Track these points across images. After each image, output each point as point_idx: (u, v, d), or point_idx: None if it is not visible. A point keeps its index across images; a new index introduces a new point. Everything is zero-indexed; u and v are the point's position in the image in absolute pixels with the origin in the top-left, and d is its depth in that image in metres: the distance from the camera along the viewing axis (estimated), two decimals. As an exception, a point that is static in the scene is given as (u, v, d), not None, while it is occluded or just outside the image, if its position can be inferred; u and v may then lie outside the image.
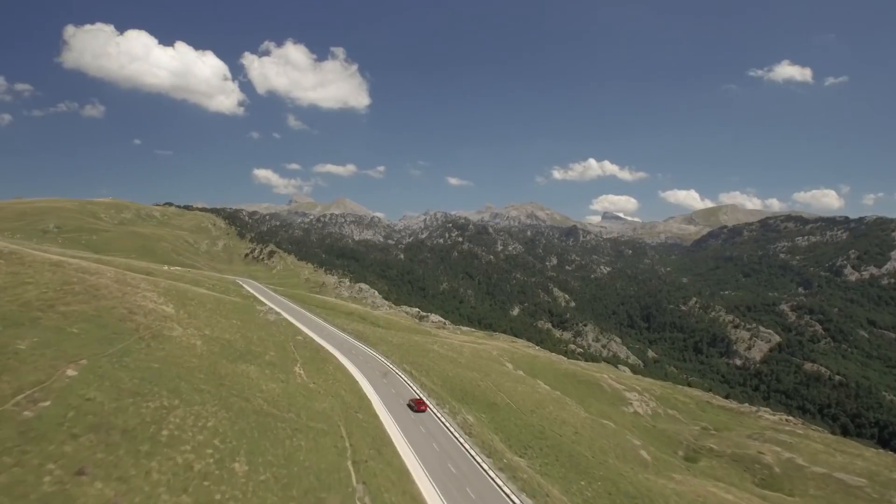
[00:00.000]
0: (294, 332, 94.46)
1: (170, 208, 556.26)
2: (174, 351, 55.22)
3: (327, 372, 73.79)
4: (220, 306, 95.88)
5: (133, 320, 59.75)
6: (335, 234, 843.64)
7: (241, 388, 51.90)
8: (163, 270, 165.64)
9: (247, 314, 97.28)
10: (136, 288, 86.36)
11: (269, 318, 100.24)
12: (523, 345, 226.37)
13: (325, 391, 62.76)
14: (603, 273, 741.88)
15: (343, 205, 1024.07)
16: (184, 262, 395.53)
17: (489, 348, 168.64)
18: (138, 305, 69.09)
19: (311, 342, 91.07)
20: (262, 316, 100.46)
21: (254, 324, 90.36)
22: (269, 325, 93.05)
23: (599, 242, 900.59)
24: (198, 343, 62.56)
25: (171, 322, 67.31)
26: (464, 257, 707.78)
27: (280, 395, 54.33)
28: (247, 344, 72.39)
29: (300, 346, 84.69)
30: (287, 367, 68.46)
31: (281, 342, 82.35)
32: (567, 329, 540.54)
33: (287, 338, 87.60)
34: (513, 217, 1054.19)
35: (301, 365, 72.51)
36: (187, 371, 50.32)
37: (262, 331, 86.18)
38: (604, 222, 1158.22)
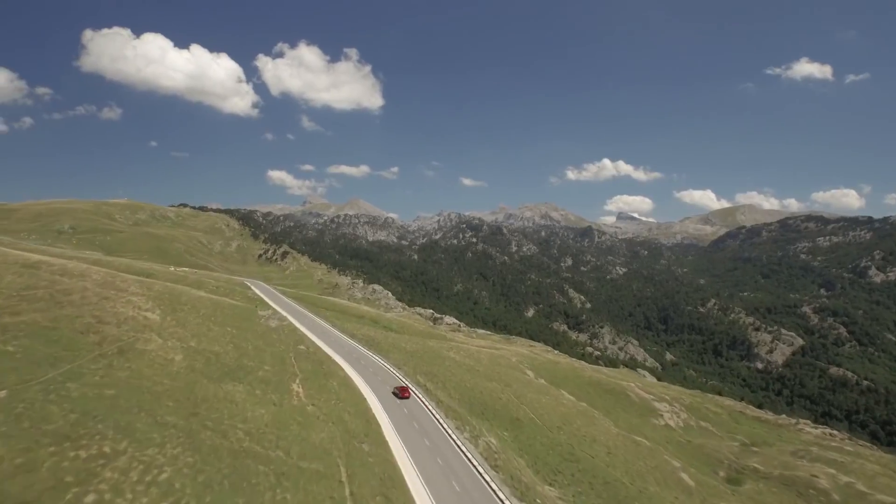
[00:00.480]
0: (297, 341, 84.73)
1: (184, 209, 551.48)
2: (143, 370, 45.66)
3: (330, 389, 63.84)
4: (216, 311, 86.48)
5: (99, 332, 50.38)
6: (349, 234, 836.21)
7: (220, 417, 42.11)
8: (167, 272, 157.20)
9: (246, 320, 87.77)
10: (122, 292, 77.22)
11: (271, 325, 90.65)
12: (542, 349, 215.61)
13: (325, 415, 52.84)
14: (619, 274, 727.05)
15: (357, 206, 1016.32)
16: (196, 262, 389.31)
17: (508, 354, 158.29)
18: (114, 313, 59.84)
19: (315, 352, 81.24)
20: (263, 322, 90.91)
21: (252, 331, 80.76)
22: (269, 333, 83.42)
23: (615, 243, 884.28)
24: (177, 358, 52.98)
25: (149, 332, 57.86)
26: (478, 258, 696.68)
27: (269, 424, 44.47)
28: (239, 357, 62.71)
29: (302, 357, 74.86)
30: (283, 385, 58.63)
31: (280, 353, 72.60)
32: (583, 331, 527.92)
33: (288, 347, 77.85)
34: (527, 218, 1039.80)
35: (300, 381, 62.66)
36: (153, 397, 40.68)
37: (259, 340, 76.53)
38: (619, 223, 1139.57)
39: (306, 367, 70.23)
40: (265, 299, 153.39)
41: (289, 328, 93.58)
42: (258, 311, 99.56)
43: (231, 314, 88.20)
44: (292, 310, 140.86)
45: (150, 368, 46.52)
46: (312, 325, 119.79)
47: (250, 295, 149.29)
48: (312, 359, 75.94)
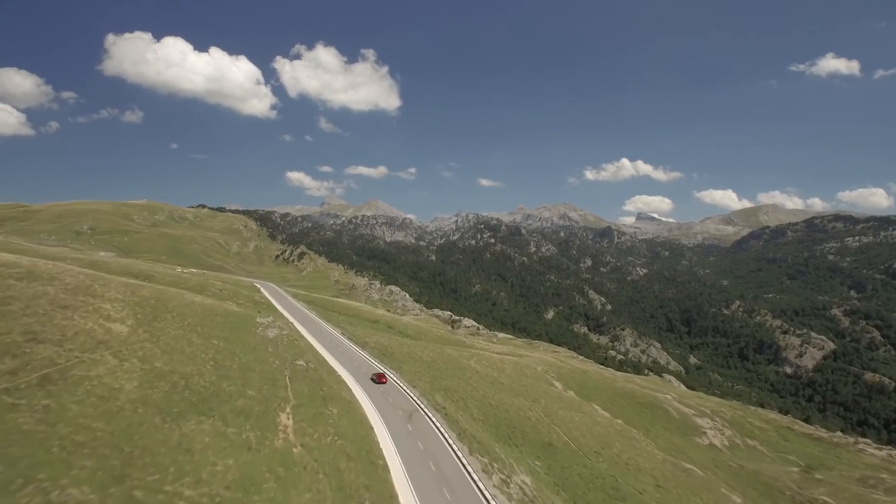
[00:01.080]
0: (296, 354, 72.62)
1: (202, 210, 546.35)
2: (67, 408, 33.70)
3: (328, 418, 51.51)
4: (205, 320, 74.79)
5: (23, 353, 38.61)
6: (366, 235, 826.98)
7: (163, 478, 29.94)
8: (170, 273, 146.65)
9: (239, 329, 75.93)
10: (95, 299, 65.81)
11: (269, 335, 78.69)
12: (567, 355, 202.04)
13: (315, 460, 40.51)
14: (639, 275, 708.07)
15: (375, 206, 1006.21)
16: (213, 263, 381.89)
17: (532, 362, 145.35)
18: (63, 326, 48.23)
19: (316, 368, 68.97)
20: (259, 332, 79.01)
21: (243, 344, 68.84)
22: (263, 346, 71.42)
23: (634, 243, 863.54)
24: (128, 386, 40.98)
25: (102, 351, 46.01)
26: (496, 259, 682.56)
27: (233, 485, 32.20)
28: (217, 379, 50.66)
29: (299, 375, 62.66)
30: (267, 417, 46.38)
31: (272, 372, 60.49)
32: (604, 333, 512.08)
33: (284, 363, 65.77)
34: (545, 218, 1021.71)
35: (292, 409, 50.40)
36: (65, 454, 28.64)
37: (250, 354, 64.52)
38: (638, 223, 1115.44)
39: (302, 389, 57.97)
40: (273, 303, 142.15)
41: (289, 338, 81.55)
42: (257, 317, 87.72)
43: (223, 323, 76.43)
44: (300, 315, 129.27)
45: (79, 405, 34.55)
46: (319, 333, 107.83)
47: (257, 298, 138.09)
48: (312, 377, 63.66)
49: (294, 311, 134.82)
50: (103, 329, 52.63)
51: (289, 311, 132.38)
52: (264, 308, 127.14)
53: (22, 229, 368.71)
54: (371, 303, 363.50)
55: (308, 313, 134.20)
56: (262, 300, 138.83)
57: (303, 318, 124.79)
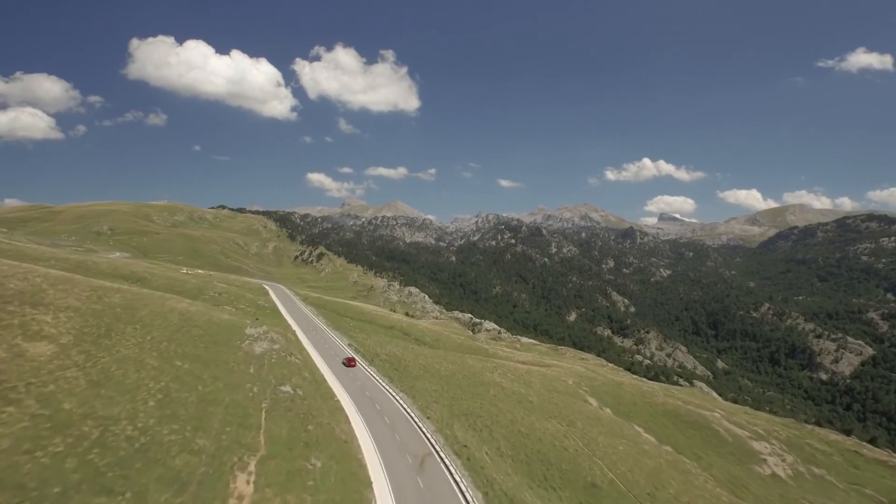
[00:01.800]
0: (284, 376, 58.46)
1: (223, 211, 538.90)
2: None
3: (308, 478, 37.06)
4: (179, 333, 61.11)
5: None
6: (386, 236, 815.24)
7: None
8: (167, 275, 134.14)
9: (218, 345, 62.08)
10: (35, 307, 52.48)
11: (255, 350, 64.72)
12: (596, 363, 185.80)
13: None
14: (663, 276, 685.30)
15: (395, 207, 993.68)
16: (231, 264, 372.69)
17: (561, 374, 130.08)
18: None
19: (304, 397, 54.59)
20: (245, 346, 65.11)
21: (218, 364, 54.90)
22: (244, 365, 57.42)
23: (658, 244, 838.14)
24: (-5, 449, 27.03)
25: (-16, 389, 32.33)
26: (517, 260, 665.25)
27: None
28: (158, 422, 36.56)
29: (281, 408, 48.39)
30: (216, 483, 32.04)
31: (244, 404, 46.32)
32: (628, 336, 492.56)
33: (265, 390, 51.63)
34: (566, 219, 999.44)
35: (257, 465, 36.07)
36: None
37: (221, 379, 50.49)
38: (660, 223, 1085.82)
39: (280, 429, 43.59)
40: (278, 307, 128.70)
41: (281, 353, 67.47)
42: (247, 328, 73.91)
43: (200, 336, 62.65)
44: (305, 321, 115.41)
45: None
46: (324, 344, 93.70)
47: (261, 303, 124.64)
48: (297, 410, 49.28)
49: (300, 316, 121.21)
50: (12, 352, 38.99)
51: (294, 316, 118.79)
52: (267, 314, 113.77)
53: (44, 230, 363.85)
54: (389, 304, 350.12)
55: (315, 319, 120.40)
56: (267, 305, 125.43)
57: (307, 325, 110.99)
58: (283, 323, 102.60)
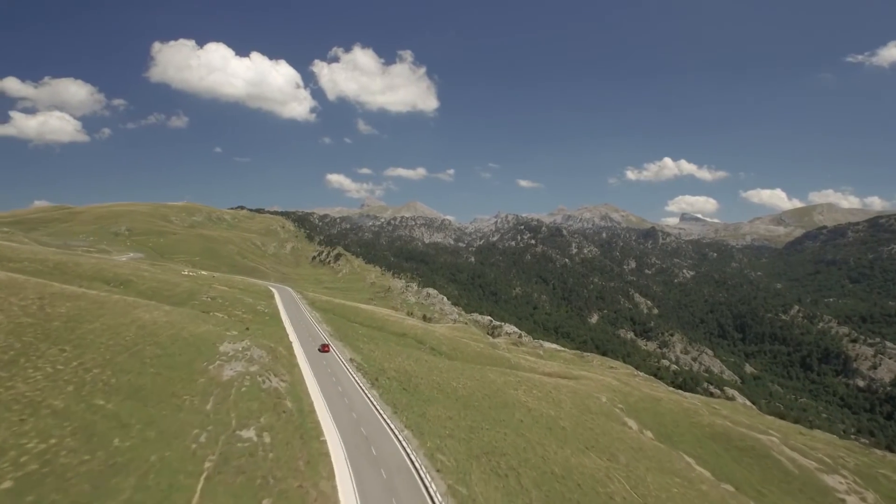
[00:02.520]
0: (251, 413, 44.62)
1: (241, 211, 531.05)
2: None
3: None
4: (125, 352, 47.67)
5: None
6: (405, 236, 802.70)
7: None
8: (160, 277, 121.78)
9: (176, 368, 48.52)
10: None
11: (224, 375, 51.05)
12: (626, 373, 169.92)
13: None
14: (686, 277, 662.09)
15: (414, 208, 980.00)
16: (247, 265, 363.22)
17: (592, 388, 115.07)
18: None
19: (273, 444, 40.47)
20: (213, 369, 51.52)
21: (162, 399, 41.22)
22: (201, 399, 43.71)
23: (680, 245, 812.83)
24: None
25: None
26: (537, 260, 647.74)
27: None
28: None
29: (230, 468, 34.43)
30: None
31: (178, 464, 32.44)
32: (652, 339, 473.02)
33: (214, 439, 37.71)
34: (586, 219, 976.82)
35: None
36: None
37: (155, 426, 36.66)
38: (682, 224, 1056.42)
39: (220, 508, 29.76)
40: (280, 313, 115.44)
41: (258, 377, 53.73)
42: (222, 343, 60.43)
43: (154, 357, 49.16)
44: (307, 330, 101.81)
45: None
46: (322, 360, 79.92)
47: (260, 308, 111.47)
48: (256, 469, 35.16)
49: (302, 324, 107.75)
50: None
51: (295, 324, 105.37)
52: (265, 321, 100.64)
53: (63, 230, 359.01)
54: (407, 306, 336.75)
55: (318, 328, 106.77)
56: (267, 310, 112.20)
57: (308, 334, 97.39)
58: (279, 332, 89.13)
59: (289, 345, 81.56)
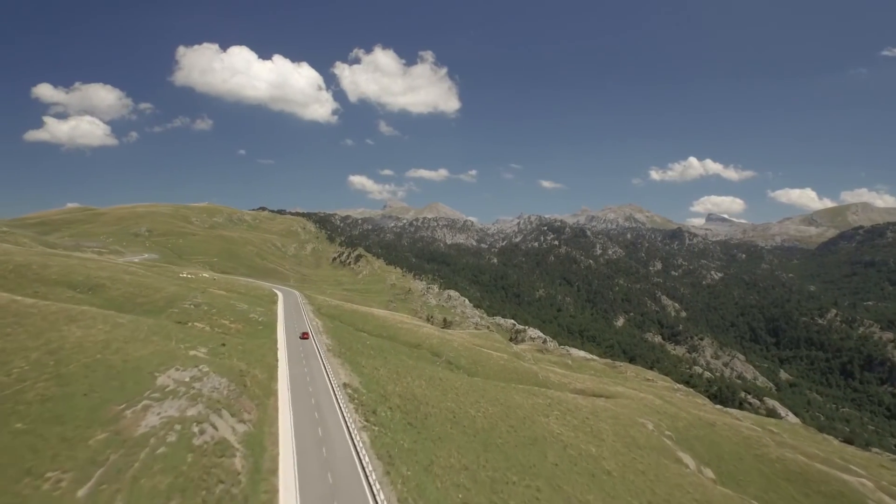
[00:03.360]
0: (162, 491, 29.05)
1: (262, 213, 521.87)
2: None
3: None
4: None
5: None
6: (427, 237, 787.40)
7: None
8: (141, 282, 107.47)
9: (68, 418, 32.99)
10: None
11: (143, 424, 35.20)
12: (664, 386, 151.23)
13: None
14: (714, 279, 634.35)
15: (436, 209, 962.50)
16: (266, 266, 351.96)
17: (633, 409, 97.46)
18: None
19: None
20: (130, 414, 35.87)
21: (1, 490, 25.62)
22: (77, 479, 28.11)
23: (707, 245, 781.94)
24: None
25: None
26: (561, 262, 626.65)
27: None
28: None
29: None
30: None
31: None
32: (680, 343, 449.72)
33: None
34: (610, 220, 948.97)
35: None
36: None
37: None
38: (708, 224, 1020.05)
39: None
40: (276, 322, 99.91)
41: (189, 427, 37.81)
42: (166, 373, 45.04)
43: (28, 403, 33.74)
44: (302, 343, 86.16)
45: None
46: (308, 386, 63.87)
47: (253, 316, 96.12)
48: None
49: (297, 335, 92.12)
50: None
51: (290, 336, 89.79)
52: (257, 332, 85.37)
53: (85, 231, 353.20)
54: (427, 308, 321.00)
55: (316, 341, 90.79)
56: (262, 319, 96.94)
57: (300, 350, 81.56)
58: (265, 349, 73.51)
59: (271, 365, 65.79)
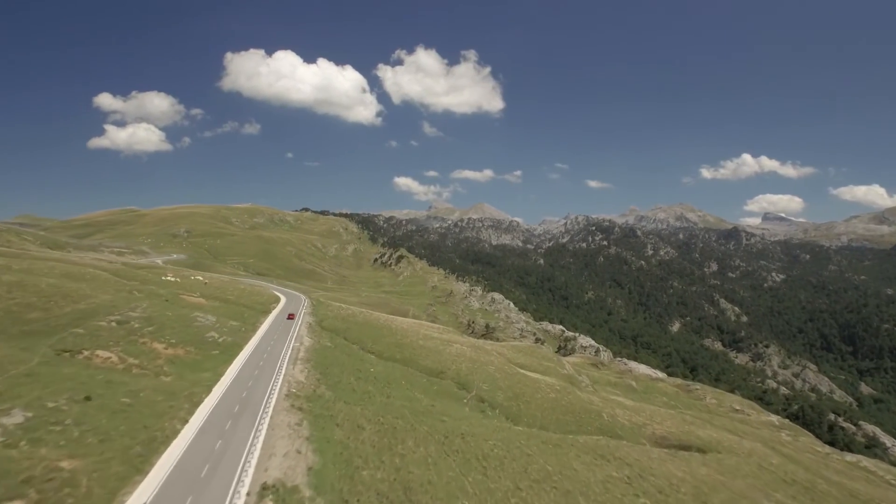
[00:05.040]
0: None
1: (304, 213, 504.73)
2: None
3: None
4: None
5: None
6: (471, 238, 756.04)
7: None
8: (97, 286, 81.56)
9: None
10: None
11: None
12: (763, 422, 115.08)
13: None
14: (776, 281, 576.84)
15: (481, 210, 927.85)
16: (303, 267, 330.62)
17: (749, 478, 64.59)
18: None
19: None
20: None
21: None
22: None
23: (766, 246, 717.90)
24: None
25: None
26: (611, 263, 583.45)
27: None
28: None
29: None
30: None
31: None
32: (743, 350, 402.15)
33: None
34: (660, 219, 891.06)
35: None
36: None
37: None
38: (765, 224, 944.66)
39: None
40: (249, 342, 71.72)
41: None
42: None
43: None
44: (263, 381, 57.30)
45: None
46: (193, 479, 34.67)
47: (212, 336, 68.08)
48: None
49: (266, 368, 63.25)
50: None
51: (249, 369, 61.15)
52: (199, 361, 57.50)
53: (126, 232, 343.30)
54: (469, 313, 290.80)
55: (293, 370, 61.57)
56: (228, 339, 68.84)
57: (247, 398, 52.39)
58: (183, 394, 44.99)
59: (151, 441, 36.96)
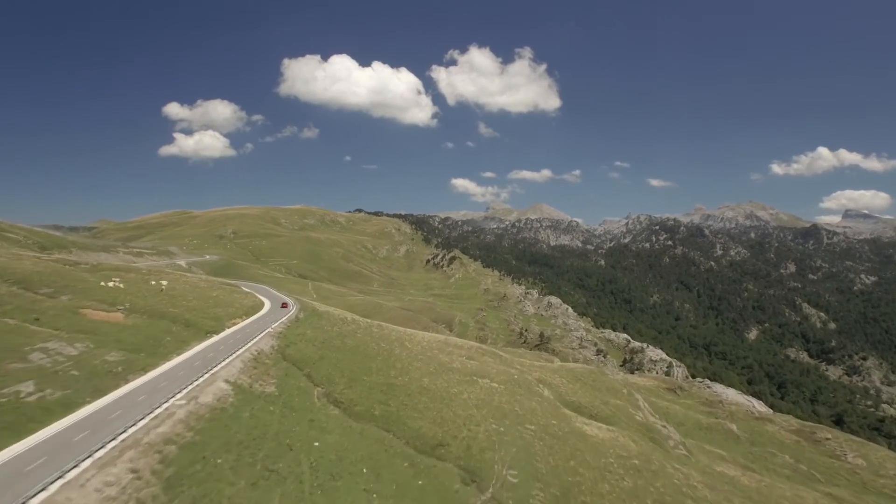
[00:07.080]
0: None
1: (357, 214, 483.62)
2: None
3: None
4: None
5: None
6: (529, 239, 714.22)
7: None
8: None
9: None
10: None
11: None
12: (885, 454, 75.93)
13: None
14: (867, 283, 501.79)
15: (539, 210, 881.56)
16: (350, 269, 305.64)
17: None
18: None
19: None
20: None
21: None
22: None
23: (852, 245, 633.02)
24: None
25: None
26: (677, 264, 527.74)
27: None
28: None
29: None
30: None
31: None
32: (834, 363, 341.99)
33: None
34: (728, 218, 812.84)
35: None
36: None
37: None
38: (847, 221, 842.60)
39: None
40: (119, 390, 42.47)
41: None
42: None
43: None
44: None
45: None
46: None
47: (16, 406, 40.02)
48: None
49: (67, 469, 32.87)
50: None
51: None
52: None
53: (174, 234, 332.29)
54: (523, 318, 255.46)
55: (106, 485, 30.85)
56: (53, 399, 39.72)
57: None
58: None
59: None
